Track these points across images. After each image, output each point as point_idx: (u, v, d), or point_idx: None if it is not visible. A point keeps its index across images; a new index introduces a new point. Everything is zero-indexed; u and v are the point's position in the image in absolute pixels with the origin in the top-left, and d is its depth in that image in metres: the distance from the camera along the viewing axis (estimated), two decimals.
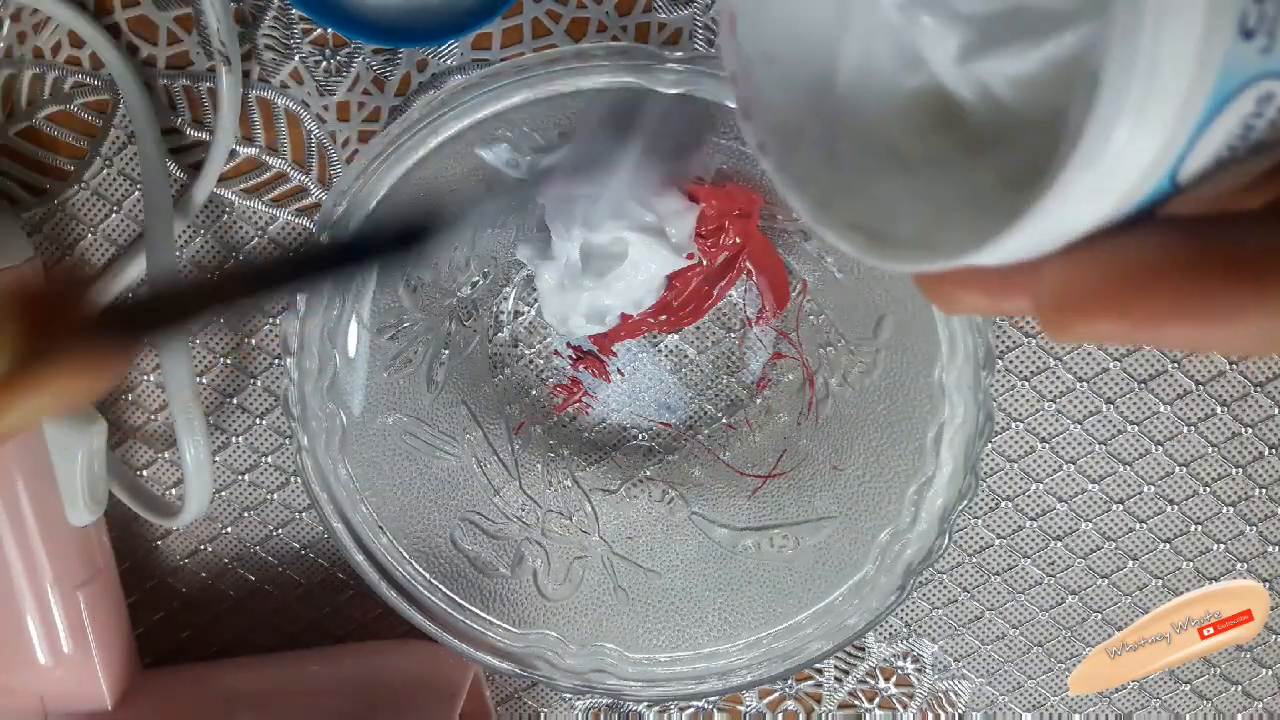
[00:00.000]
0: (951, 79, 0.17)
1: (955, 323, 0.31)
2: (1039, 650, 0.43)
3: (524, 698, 0.44)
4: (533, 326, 0.40)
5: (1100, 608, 0.42)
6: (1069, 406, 0.40)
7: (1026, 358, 0.40)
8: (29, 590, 0.36)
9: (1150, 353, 0.40)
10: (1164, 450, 0.41)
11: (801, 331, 0.38)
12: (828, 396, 0.38)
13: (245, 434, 0.41)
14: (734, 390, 0.40)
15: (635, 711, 0.44)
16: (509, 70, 0.30)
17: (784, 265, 0.38)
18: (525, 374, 0.40)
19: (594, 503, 0.39)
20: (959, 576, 0.42)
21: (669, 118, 0.30)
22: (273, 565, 0.43)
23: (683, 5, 0.37)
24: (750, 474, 0.39)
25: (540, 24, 0.37)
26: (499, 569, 0.36)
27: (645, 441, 0.40)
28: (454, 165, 0.32)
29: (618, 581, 0.37)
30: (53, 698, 0.37)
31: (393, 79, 0.37)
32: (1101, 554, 0.42)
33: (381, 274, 0.32)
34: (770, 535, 0.37)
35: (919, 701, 0.44)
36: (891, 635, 0.43)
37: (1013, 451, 0.41)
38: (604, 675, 0.35)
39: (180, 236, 0.39)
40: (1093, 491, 0.41)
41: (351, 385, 0.34)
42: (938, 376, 0.32)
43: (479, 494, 0.37)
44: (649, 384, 0.40)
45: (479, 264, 0.38)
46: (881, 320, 0.34)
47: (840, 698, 0.44)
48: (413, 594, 0.35)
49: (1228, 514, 0.41)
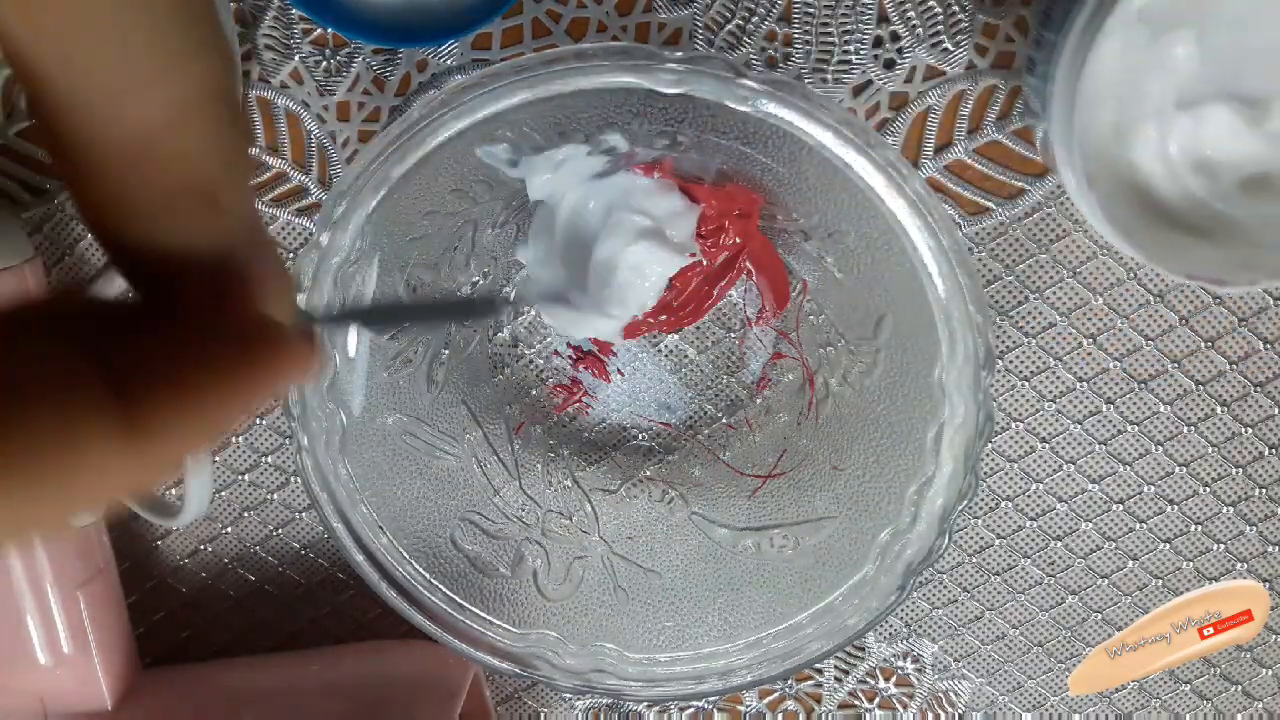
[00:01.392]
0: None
1: (955, 323, 0.31)
2: (1039, 650, 0.43)
3: (524, 698, 0.44)
4: (533, 326, 0.40)
5: (1100, 608, 0.42)
6: (1069, 406, 0.40)
7: (1026, 358, 0.40)
8: (29, 590, 0.36)
9: (1150, 353, 0.40)
10: (1164, 450, 0.41)
11: (801, 331, 0.38)
12: (828, 396, 0.38)
13: (245, 434, 0.41)
14: (734, 390, 0.40)
15: (635, 711, 0.44)
16: (509, 70, 0.30)
17: (784, 265, 0.38)
18: (525, 374, 0.40)
19: (594, 503, 0.39)
20: (959, 576, 0.42)
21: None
22: (273, 565, 0.43)
23: (683, 5, 0.37)
24: (750, 474, 0.39)
25: (540, 24, 0.37)
26: (499, 569, 0.36)
27: (645, 441, 0.40)
28: (454, 165, 0.32)
29: (618, 581, 0.37)
30: (53, 698, 0.37)
31: (393, 79, 0.38)
32: (1101, 554, 0.42)
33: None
34: (770, 535, 0.37)
35: (919, 701, 0.44)
36: (891, 635, 0.43)
37: (1013, 451, 0.41)
38: (604, 675, 0.35)
39: None
40: (1093, 491, 0.41)
41: (351, 385, 0.34)
42: (938, 376, 0.32)
43: (479, 494, 0.37)
44: (649, 384, 0.40)
45: (479, 264, 0.38)
46: (881, 320, 0.34)
47: (840, 698, 0.44)
48: (413, 594, 0.35)
49: (1228, 514, 0.41)
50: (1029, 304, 0.39)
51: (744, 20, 0.37)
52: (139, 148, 0.12)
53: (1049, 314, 0.39)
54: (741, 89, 0.29)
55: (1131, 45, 0.30)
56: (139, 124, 0.12)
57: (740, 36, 0.37)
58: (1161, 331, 0.40)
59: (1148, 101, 0.31)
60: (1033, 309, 0.39)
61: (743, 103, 0.29)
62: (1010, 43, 0.37)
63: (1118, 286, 0.39)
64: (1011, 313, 0.40)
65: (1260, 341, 0.40)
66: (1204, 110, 0.31)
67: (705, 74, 0.29)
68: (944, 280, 0.30)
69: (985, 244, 0.39)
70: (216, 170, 0.13)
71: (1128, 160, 0.32)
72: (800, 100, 0.29)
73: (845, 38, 0.37)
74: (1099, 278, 0.39)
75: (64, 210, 0.39)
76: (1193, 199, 0.32)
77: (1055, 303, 0.39)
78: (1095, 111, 0.30)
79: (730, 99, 0.29)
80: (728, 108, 0.30)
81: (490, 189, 0.35)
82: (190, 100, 0.12)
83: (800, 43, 0.37)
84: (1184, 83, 0.31)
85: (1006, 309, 0.40)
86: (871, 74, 0.37)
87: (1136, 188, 0.32)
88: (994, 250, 0.39)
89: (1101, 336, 0.40)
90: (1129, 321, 0.39)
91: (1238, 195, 0.32)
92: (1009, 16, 0.37)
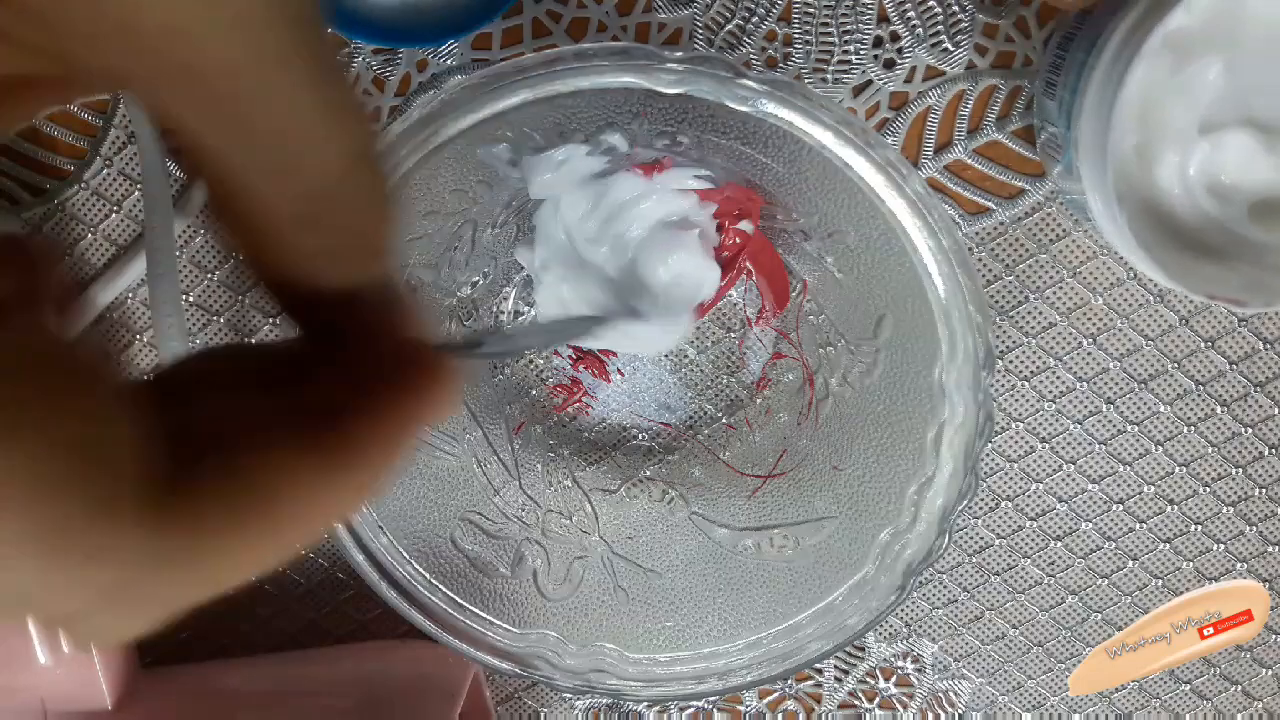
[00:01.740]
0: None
1: (955, 323, 0.31)
2: (1039, 650, 0.43)
3: (524, 698, 0.44)
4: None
5: (1100, 608, 0.42)
6: (1069, 406, 0.40)
7: (1026, 358, 0.40)
8: None
9: (1150, 353, 0.40)
10: (1164, 450, 0.41)
11: (801, 331, 0.38)
12: (828, 396, 0.38)
13: None
14: (734, 390, 0.40)
15: (635, 711, 0.44)
16: (509, 70, 0.30)
17: (784, 265, 0.38)
18: (525, 374, 0.40)
19: (594, 503, 0.39)
20: (959, 576, 0.42)
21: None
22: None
23: (683, 5, 0.37)
24: (750, 474, 0.39)
25: (540, 24, 0.37)
26: (499, 569, 0.36)
27: (645, 441, 0.40)
28: (454, 165, 0.32)
29: (618, 581, 0.37)
30: (53, 698, 0.37)
31: (393, 79, 0.38)
32: (1101, 554, 0.42)
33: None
34: (770, 535, 0.37)
35: (919, 701, 0.44)
36: (891, 635, 0.43)
37: (1013, 451, 0.41)
38: (604, 675, 0.35)
39: (180, 236, 0.39)
40: (1093, 491, 0.41)
41: None
42: (938, 376, 0.32)
43: (479, 494, 0.37)
44: (649, 384, 0.40)
45: (479, 264, 0.38)
46: (881, 320, 0.34)
47: (840, 698, 0.44)
48: (413, 594, 0.35)
49: (1228, 514, 0.41)
50: (1029, 304, 0.39)
51: (744, 20, 0.37)
52: (316, 203, 0.13)
53: (1049, 314, 0.39)
54: (741, 89, 0.29)
55: (1157, 70, 0.31)
56: (316, 179, 0.13)
57: (740, 36, 0.37)
58: (1161, 331, 0.40)
59: (1171, 125, 0.32)
60: (1033, 309, 0.39)
61: (743, 103, 0.29)
62: (1010, 43, 0.37)
63: (1118, 286, 0.39)
64: (1011, 313, 0.40)
65: (1260, 341, 0.40)
66: (1224, 135, 0.32)
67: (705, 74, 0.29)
68: (944, 280, 0.30)
69: (985, 244, 0.39)
70: (381, 214, 0.14)
71: (1149, 182, 0.33)
72: (800, 100, 0.29)
73: (845, 38, 0.37)
74: (1099, 278, 0.39)
75: (64, 210, 0.39)
76: (1210, 221, 0.33)
77: (1055, 303, 0.39)
78: (1119, 134, 0.31)
79: (730, 99, 0.29)
80: (728, 108, 0.30)
81: (490, 189, 0.35)
82: (358, 150, 0.13)
83: (800, 43, 0.37)
84: (1208, 107, 0.32)
85: (1006, 309, 0.40)
86: (871, 74, 0.37)
87: (1158, 209, 0.33)
88: (994, 250, 0.39)
89: (1101, 336, 0.40)
90: (1129, 321, 0.40)
91: (1250, 219, 0.33)
92: (1009, 16, 0.37)
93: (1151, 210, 0.33)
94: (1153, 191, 0.33)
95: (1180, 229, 0.33)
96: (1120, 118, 0.30)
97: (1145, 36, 0.29)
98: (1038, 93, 0.36)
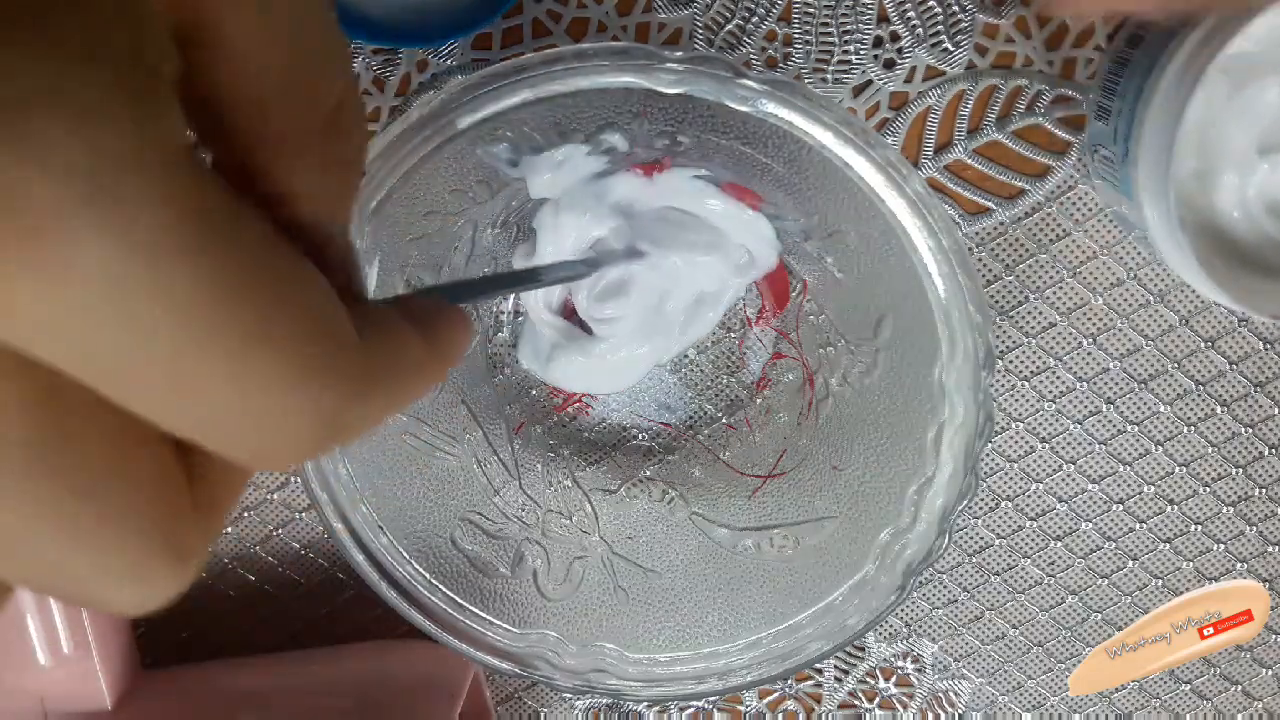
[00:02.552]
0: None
1: (955, 323, 0.31)
2: (1039, 650, 0.43)
3: (524, 698, 0.44)
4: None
5: (1100, 608, 0.42)
6: (1069, 406, 0.40)
7: (1026, 358, 0.40)
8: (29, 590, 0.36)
9: (1150, 353, 0.40)
10: (1164, 450, 0.41)
11: (801, 331, 0.38)
12: (828, 396, 0.38)
13: None
14: (734, 390, 0.40)
15: (635, 711, 0.44)
16: (509, 70, 0.30)
17: (784, 265, 0.38)
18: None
19: (594, 503, 0.39)
20: (959, 576, 0.42)
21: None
22: (273, 565, 0.43)
23: (683, 5, 0.37)
24: (750, 474, 0.39)
25: (540, 24, 0.37)
26: (499, 569, 0.36)
27: (645, 441, 0.40)
28: (454, 165, 0.32)
29: (618, 581, 0.37)
30: (53, 698, 0.37)
31: (393, 79, 0.38)
32: (1101, 554, 0.42)
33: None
34: (770, 535, 0.37)
35: (919, 701, 0.44)
36: (891, 635, 0.43)
37: (1013, 451, 0.41)
38: (604, 675, 0.35)
39: None
40: (1093, 491, 0.41)
41: None
42: (938, 376, 0.32)
43: (479, 494, 0.37)
44: (649, 384, 0.40)
45: (479, 264, 0.38)
46: (881, 320, 0.34)
47: (840, 698, 0.44)
48: (413, 594, 0.35)
49: (1228, 514, 0.41)
50: (1029, 304, 0.39)
51: (744, 20, 0.37)
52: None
53: (1049, 314, 0.39)
54: (741, 89, 0.29)
55: (1215, 94, 0.31)
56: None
57: (740, 36, 0.37)
58: (1161, 331, 0.40)
59: (1230, 147, 0.32)
60: (1033, 309, 0.39)
61: (743, 103, 0.29)
62: (1010, 43, 0.37)
63: (1118, 286, 0.39)
64: (1011, 313, 0.40)
65: (1260, 341, 0.40)
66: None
67: (705, 74, 0.29)
68: (944, 280, 0.30)
69: (985, 244, 0.39)
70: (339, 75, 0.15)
71: (1209, 204, 0.33)
72: (800, 100, 0.29)
73: (845, 38, 0.37)
74: (1099, 278, 0.39)
75: None
76: (1269, 241, 0.33)
77: (1055, 303, 0.39)
78: (1180, 159, 0.31)
79: (730, 99, 0.29)
80: (728, 108, 0.30)
81: (490, 189, 0.35)
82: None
83: (800, 43, 0.37)
84: (1266, 129, 0.32)
85: (1006, 309, 0.40)
86: (871, 74, 0.37)
87: (1218, 231, 0.33)
88: (994, 250, 0.39)
89: (1101, 336, 0.40)
90: (1129, 321, 0.40)
91: None
92: (1009, 17, 0.37)
93: (1212, 232, 0.33)
94: (1212, 214, 0.33)
95: (1241, 250, 0.33)
96: (1182, 144, 0.30)
97: (1207, 63, 0.29)
98: (1090, 115, 0.36)
